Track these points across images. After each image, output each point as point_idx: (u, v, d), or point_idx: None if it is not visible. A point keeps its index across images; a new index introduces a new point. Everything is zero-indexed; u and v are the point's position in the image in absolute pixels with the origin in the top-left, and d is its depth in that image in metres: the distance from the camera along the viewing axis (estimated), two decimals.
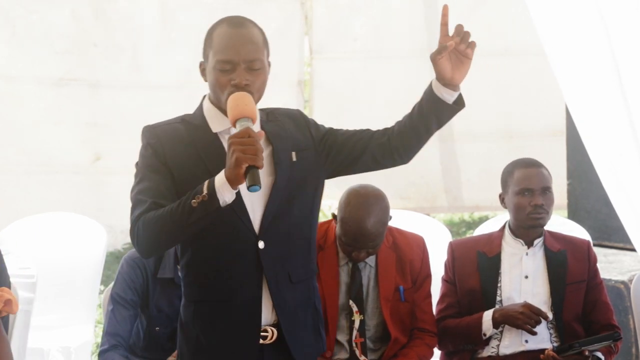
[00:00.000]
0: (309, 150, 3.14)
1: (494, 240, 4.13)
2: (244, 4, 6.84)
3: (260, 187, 2.82)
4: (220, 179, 2.85)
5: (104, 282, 5.34)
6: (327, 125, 3.24)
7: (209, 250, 3.03)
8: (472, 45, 3.04)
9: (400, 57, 7.26)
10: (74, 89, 7.00)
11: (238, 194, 2.92)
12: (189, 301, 3.11)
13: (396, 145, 3.12)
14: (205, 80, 3.09)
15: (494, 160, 7.29)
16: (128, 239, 6.95)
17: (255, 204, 3.04)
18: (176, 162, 3.01)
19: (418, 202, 7.35)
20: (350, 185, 3.96)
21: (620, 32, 4.04)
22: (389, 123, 3.18)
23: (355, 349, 3.95)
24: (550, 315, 3.97)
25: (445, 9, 3.07)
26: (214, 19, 3.12)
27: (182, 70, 7.13)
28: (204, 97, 3.14)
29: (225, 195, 2.86)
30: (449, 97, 3.08)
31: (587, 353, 3.92)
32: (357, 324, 3.95)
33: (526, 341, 4.01)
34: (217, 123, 3.06)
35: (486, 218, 7.49)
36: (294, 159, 3.10)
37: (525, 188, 4.02)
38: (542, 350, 3.95)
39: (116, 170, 7.06)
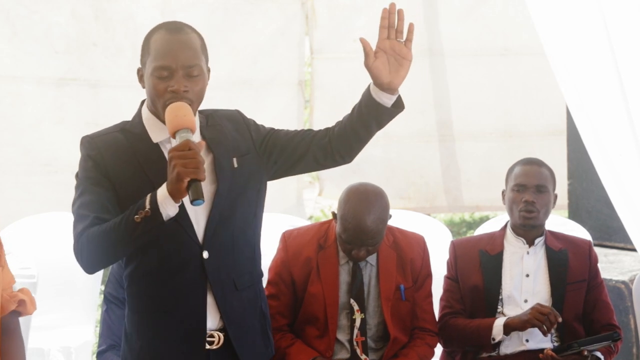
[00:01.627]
0: (250, 154, 3.10)
1: (496, 239, 4.14)
2: (243, 4, 6.84)
3: (203, 201, 2.79)
4: (162, 193, 2.81)
5: (105, 282, 5.33)
6: (328, 124, 3.23)
7: (153, 262, 3.00)
8: (407, 43, 3.01)
9: None
10: (74, 89, 6.99)
11: (181, 206, 2.88)
12: (132, 312, 3.08)
13: (337, 146, 3.10)
14: (143, 87, 3.04)
15: (494, 160, 7.31)
16: None
17: (198, 214, 3.00)
18: (117, 173, 2.97)
19: (418, 202, 7.35)
20: (350, 184, 3.96)
21: (620, 31, 4.04)
22: (388, 123, 3.17)
23: (356, 348, 3.95)
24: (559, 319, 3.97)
25: (384, 12, 3.03)
26: (214, 19, 3.12)
27: None
28: (142, 103, 3.10)
29: (169, 209, 2.83)
30: (388, 100, 3.04)
31: (585, 353, 3.92)
32: (358, 323, 3.96)
33: (527, 340, 4.02)
34: (156, 133, 3.02)
35: (487, 218, 7.49)
36: (235, 165, 3.06)
37: (519, 184, 4.05)
38: (543, 350, 3.95)
39: None
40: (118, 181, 2.97)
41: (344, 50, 7.26)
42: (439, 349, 4.17)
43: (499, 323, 3.98)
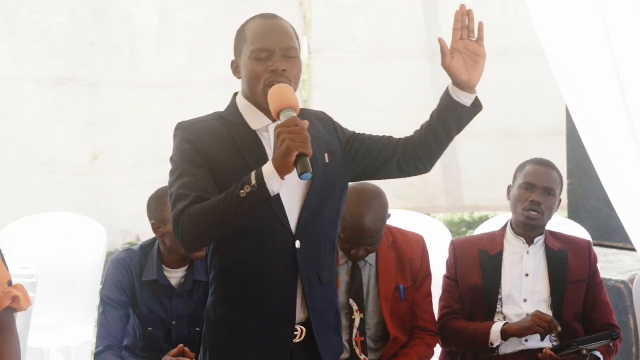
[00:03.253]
0: (338, 153, 3.13)
1: (496, 239, 4.14)
2: (243, 4, 6.84)
3: (312, 175, 2.82)
4: (268, 168, 2.84)
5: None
6: None
7: (245, 249, 3.01)
8: (480, 41, 3.05)
9: (399, 58, 7.25)
10: (73, 89, 7.00)
11: (277, 196, 2.90)
12: (222, 299, 3.06)
13: (418, 153, 3.13)
14: (239, 78, 3.07)
15: (494, 160, 7.30)
16: (128, 239, 7.03)
17: (292, 205, 3.02)
18: (217, 159, 2.99)
19: (417, 202, 7.35)
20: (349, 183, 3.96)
21: (620, 31, 4.04)
22: (388, 123, 3.19)
23: (356, 348, 3.95)
24: (558, 328, 3.97)
25: (457, 14, 3.06)
26: (213, 19, 3.12)
27: (181, 70, 7.13)
28: (235, 95, 3.12)
29: (274, 184, 2.84)
30: (467, 100, 3.08)
31: (584, 352, 3.92)
32: (357, 323, 3.96)
33: (526, 340, 4.02)
34: (255, 120, 3.05)
35: (486, 218, 7.48)
36: (327, 160, 3.08)
37: (528, 182, 4.05)
38: (542, 350, 3.95)
39: (115, 170, 7.06)
40: (217, 166, 2.98)
41: (342, 50, 7.27)
42: (438, 349, 4.17)
43: (496, 329, 3.98)
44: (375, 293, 3.99)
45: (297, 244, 3.02)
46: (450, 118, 3.08)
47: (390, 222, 3.97)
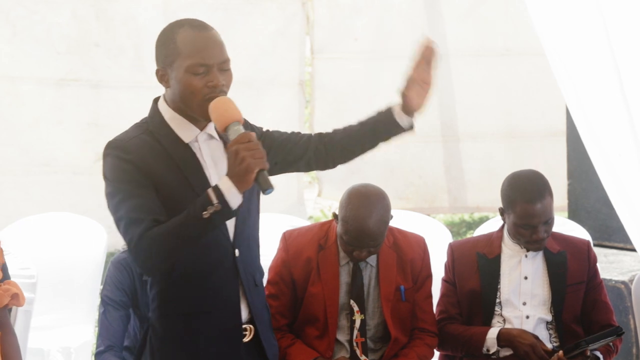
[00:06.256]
0: None
1: (493, 242, 4.12)
2: (244, 4, 6.85)
3: (273, 189, 2.85)
4: (226, 186, 2.84)
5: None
6: (328, 125, 3.26)
7: (189, 264, 3.01)
8: (429, 69, 3.15)
9: (401, 57, 7.16)
10: (76, 90, 7.00)
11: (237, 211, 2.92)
12: (169, 315, 3.07)
13: (335, 155, 3.23)
14: (167, 87, 3.04)
15: (495, 160, 7.30)
16: None
17: None
18: (158, 176, 2.97)
19: (417, 202, 7.34)
20: (351, 185, 3.96)
21: (620, 31, 4.04)
22: None
23: (356, 348, 3.95)
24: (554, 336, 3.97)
25: (426, 50, 3.17)
26: (215, 19, 3.12)
27: None
28: (156, 103, 3.09)
29: (235, 201, 2.86)
30: (407, 123, 3.20)
31: (588, 353, 3.91)
32: (357, 324, 3.96)
33: None
34: (185, 133, 3.04)
35: (486, 218, 7.47)
36: None
37: (526, 224, 3.94)
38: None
39: None
40: (160, 184, 2.96)
41: (345, 50, 7.27)
42: (437, 351, 4.17)
43: (491, 335, 3.97)
44: (375, 294, 3.98)
45: (237, 251, 3.06)
46: (384, 134, 3.20)
47: (390, 222, 3.97)
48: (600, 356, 3.98)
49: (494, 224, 4.72)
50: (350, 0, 7.29)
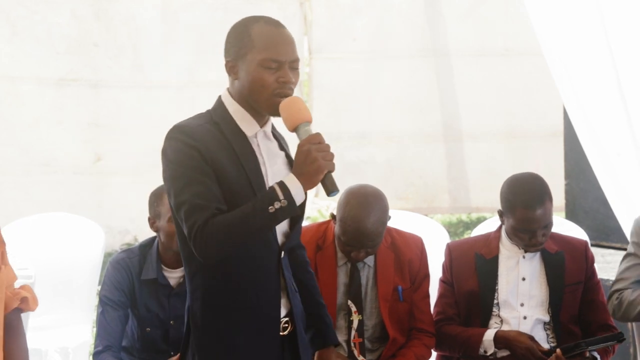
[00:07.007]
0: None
1: (491, 242, 4.11)
2: (243, 4, 6.85)
3: (339, 191, 2.89)
4: (293, 183, 2.89)
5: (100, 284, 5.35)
6: (326, 125, 3.26)
7: (237, 260, 3.02)
8: None
9: (400, 57, 7.25)
10: (75, 89, 7.01)
11: None
12: (212, 306, 3.06)
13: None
14: (235, 78, 3.05)
15: (495, 160, 7.30)
16: (126, 240, 7.03)
17: None
18: (219, 165, 2.98)
19: (416, 202, 7.35)
20: (349, 186, 3.96)
21: (618, 31, 4.04)
22: (389, 122, 3.20)
23: (354, 349, 3.95)
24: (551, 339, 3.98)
25: None
26: (215, 19, 3.11)
27: (184, 70, 7.14)
28: (220, 96, 3.11)
29: (300, 199, 2.90)
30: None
31: (587, 354, 3.91)
32: (355, 324, 3.95)
33: None
34: (248, 126, 3.05)
35: (484, 218, 7.47)
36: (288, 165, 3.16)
37: (526, 229, 3.94)
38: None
39: (117, 171, 7.07)
40: (220, 174, 2.97)
41: (343, 50, 7.28)
42: (435, 351, 4.17)
43: (488, 337, 3.97)
44: (373, 294, 3.98)
45: (282, 253, 3.08)
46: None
47: (388, 222, 3.97)
48: (598, 357, 3.99)
49: (491, 224, 4.71)
50: (348, 0, 7.30)
